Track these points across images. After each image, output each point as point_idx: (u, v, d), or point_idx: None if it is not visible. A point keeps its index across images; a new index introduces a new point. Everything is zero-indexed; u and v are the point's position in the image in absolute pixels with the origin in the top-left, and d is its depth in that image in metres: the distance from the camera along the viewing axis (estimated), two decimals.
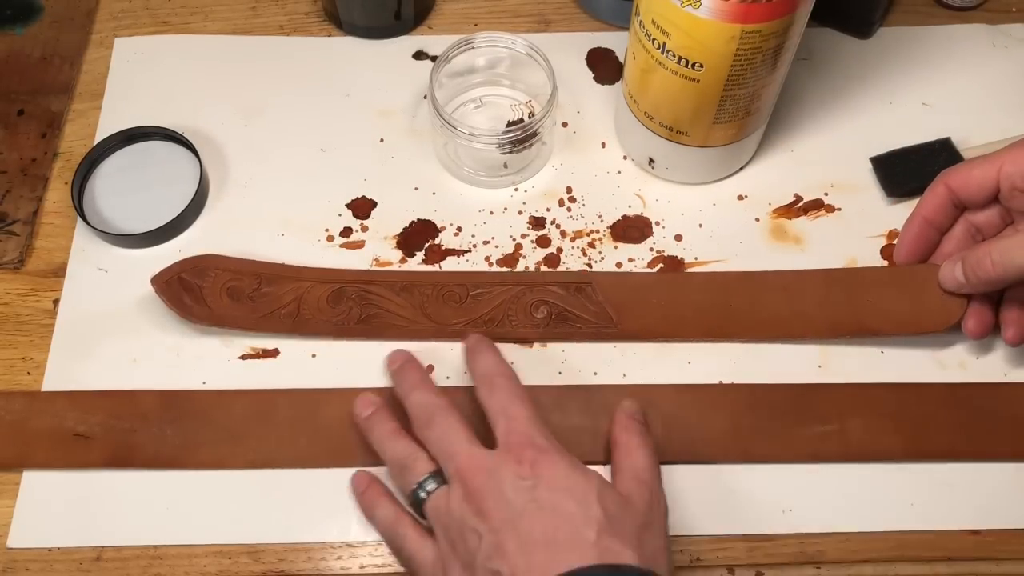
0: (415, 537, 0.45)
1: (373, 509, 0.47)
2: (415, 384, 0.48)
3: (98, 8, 0.65)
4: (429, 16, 0.65)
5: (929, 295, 0.52)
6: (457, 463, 0.44)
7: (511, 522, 0.41)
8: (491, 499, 0.42)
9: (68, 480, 0.50)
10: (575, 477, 0.42)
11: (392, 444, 0.47)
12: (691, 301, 0.53)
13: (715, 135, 0.54)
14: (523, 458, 0.43)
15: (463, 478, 0.43)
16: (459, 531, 0.42)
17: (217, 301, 0.53)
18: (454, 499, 0.43)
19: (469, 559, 0.42)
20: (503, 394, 0.46)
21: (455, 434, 0.45)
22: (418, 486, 0.45)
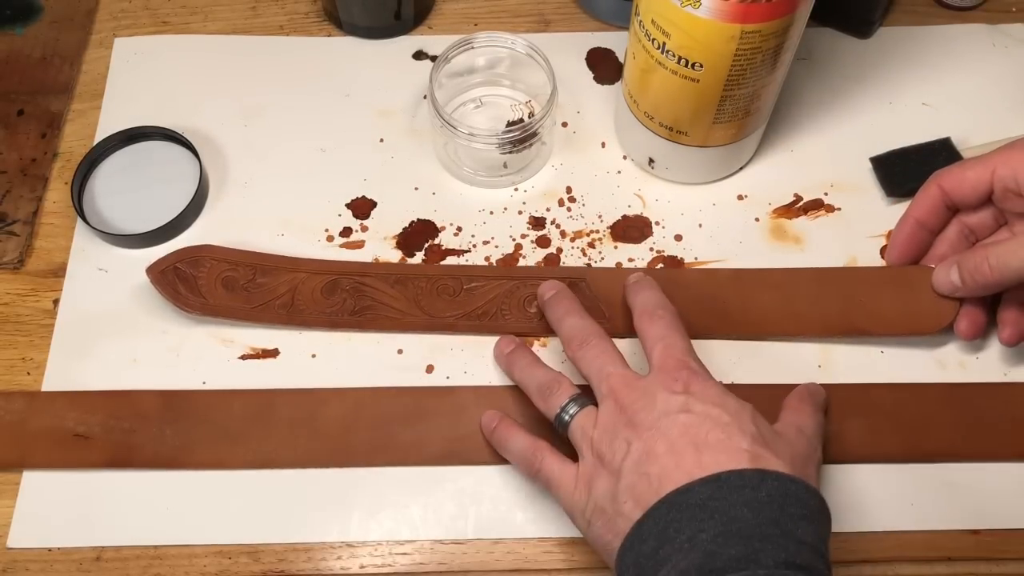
0: (553, 460, 0.46)
1: (507, 442, 0.48)
2: (569, 310, 0.49)
3: (98, 8, 0.65)
4: (429, 16, 0.65)
5: (922, 296, 0.52)
6: (611, 382, 0.44)
7: (662, 430, 0.42)
8: (643, 412, 0.43)
9: (68, 480, 0.50)
10: (728, 398, 0.43)
11: (535, 372, 0.48)
12: (684, 297, 0.53)
13: (715, 135, 0.54)
14: (678, 377, 0.43)
15: (617, 394, 0.44)
16: (608, 443, 0.43)
17: (212, 291, 0.53)
18: (604, 414, 0.44)
19: (617, 467, 0.42)
20: (663, 323, 0.46)
21: (609, 356, 0.46)
22: (562, 409, 0.46)
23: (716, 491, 0.39)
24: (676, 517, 0.39)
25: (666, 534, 0.39)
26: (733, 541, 0.37)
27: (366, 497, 0.50)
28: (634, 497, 0.41)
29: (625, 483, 0.41)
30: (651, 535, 0.40)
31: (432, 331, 0.53)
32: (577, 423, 0.45)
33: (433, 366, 0.53)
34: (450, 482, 0.50)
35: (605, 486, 0.42)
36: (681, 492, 0.39)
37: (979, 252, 0.49)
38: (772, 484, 0.39)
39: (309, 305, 0.53)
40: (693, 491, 0.39)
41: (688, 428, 0.41)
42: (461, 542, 0.49)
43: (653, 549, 0.39)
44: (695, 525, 0.38)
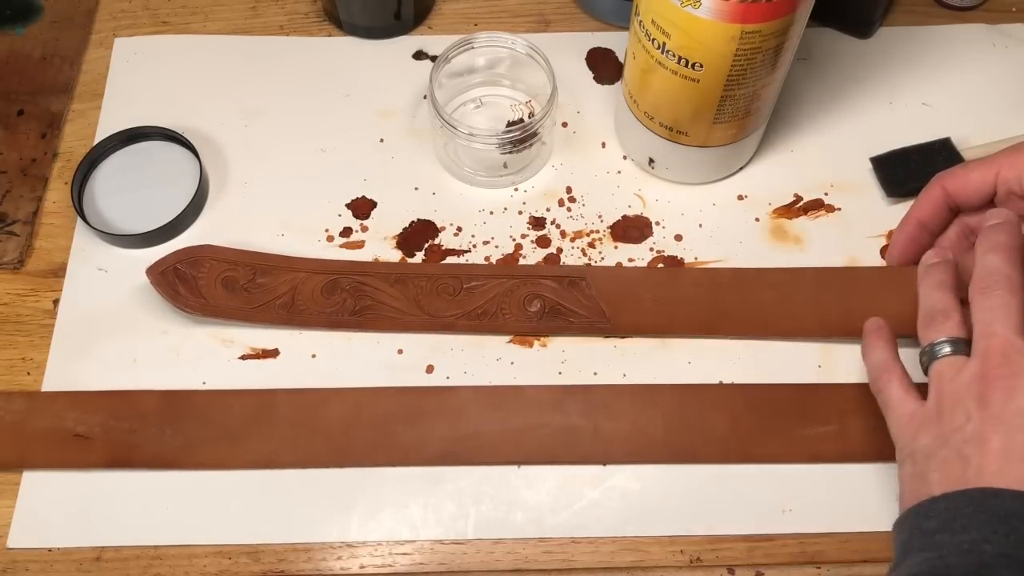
0: (899, 386, 0.44)
1: (869, 348, 0.47)
2: (1000, 245, 0.45)
3: (98, 8, 0.65)
4: (429, 16, 0.65)
5: None
6: (991, 343, 0.41)
7: (1009, 425, 0.39)
8: (1001, 392, 0.40)
9: (68, 480, 0.50)
10: None
11: (935, 294, 0.46)
12: (684, 297, 0.53)
13: (715, 135, 0.54)
14: None
15: (988, 358, 0.41)
16: (952, 403, 0.41)
17: (212, 292, 0.53)
18: (966, 372, 0.41)
19: (947, 431, 0.41)
20: None
21: (1007, 312, 0.42)
22: (939, 343, 0.44)
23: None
24: (971, 514, 0.38)
25: (953, 525, 0.38)
26: (1015, 571, 0.36)
27: (366, 497, 0.50)
28: (945, 472, 0.40)
29: (944, 454, 0.40)
30: (939, 516, 0.38)
31: (432, 331, 0.53)
32: (939, 366, 0.43)
33: (433, 366, 0.53)
34: (450, 482, 0.50)
35: (929, 442, 0.41)
36: (991, 493, 0.38)
37: None
38: None
39: (309, 305, 0.53)
40: (1003, 496, 0.37)
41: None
42: (461, 542, 0.49)
43: (933, 529, 0.38)
44: (985, 532, 0.37)
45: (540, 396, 0.51)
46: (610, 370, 0.53)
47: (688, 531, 0.49)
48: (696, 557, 0.48)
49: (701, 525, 0.49)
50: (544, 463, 0.50)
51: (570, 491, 0.50)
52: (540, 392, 0.51)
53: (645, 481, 0.50)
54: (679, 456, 0.50)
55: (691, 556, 0.48)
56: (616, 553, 0.48)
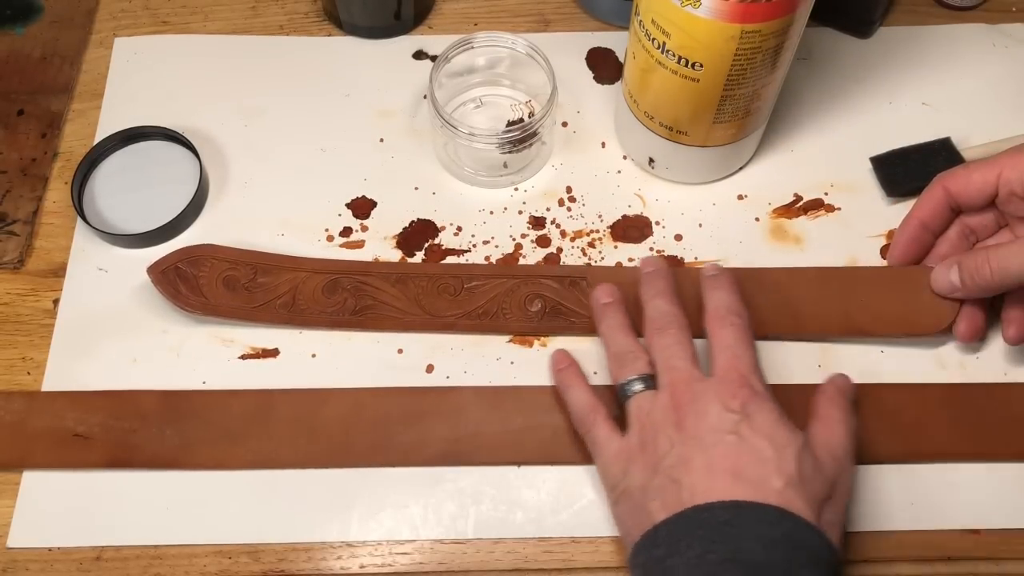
0: (605, 426, 0.47)
1: (569, 390, 0.49)
2: (661, 291, 0.49)
3: (98, 8, 0.65)
4: (429, 16, 0.65)
5: (922, 297, 0.52)
6: (673, 376, 0.45)
7: (705, 445, 0.42)
8: (693, 417, 0.43)
9: (68, 480, 0.50)
10: (780, 428, 0.43)
11: (619, 336, 0.49)
12: (685, 296, 0.53)
13: (715, 135, 0.54)
14: (736, 394, 0.44)
15: (674, 390, 0.45)
16: (653, 434, 0.44)
17: (213, 291, 0.53)
18: (659, 404, 0.45)
19: (655, 461, 0.43)
20: (734, 332, 0.46)
21: (681, 349, 0.46)
22: (629, 382, 0.46)
23: (734, 517, 0.40)
24: (691, 531, 0.40)
25: (678, 546, 0.40)
26: (736, 572, 0.38)
27: (366, 497, 0.50)
28: (662, 499, 0.42)
29: (658, 482, 0.43)
30: (664, 542, 0.41)
31: (432, 330, 0.53)
32: (636, 401, 0.46)
33: (433, 366, 0.53)
34: (450, 482, 0.50)
35: (640, 475, 0.44)
36: (702, 509, 0.41)
37: (980, 254, 0.49)
38: (789, 526, 0.40)
39: (310, 304, 0.53)
40: (713, 510, 0.40)
41: (731, 453, 0.42)
42: (461, 542, 0.49)
43: (662, 556, 0.40)
44: (706, 544, 0.40)
45: (540, 396, 0.51)
46: None
47: None
48: None
49: None
50: (544, 463, 0.50)
51: (570, 491, 0.50)
52: (540, 392, 0.51)
53: None
54: None
55: None
56: (616, 553, 0.48)
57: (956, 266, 0.50)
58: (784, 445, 0.42)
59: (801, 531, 0.40)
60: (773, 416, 0.43)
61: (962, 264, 0.50)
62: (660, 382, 0.46)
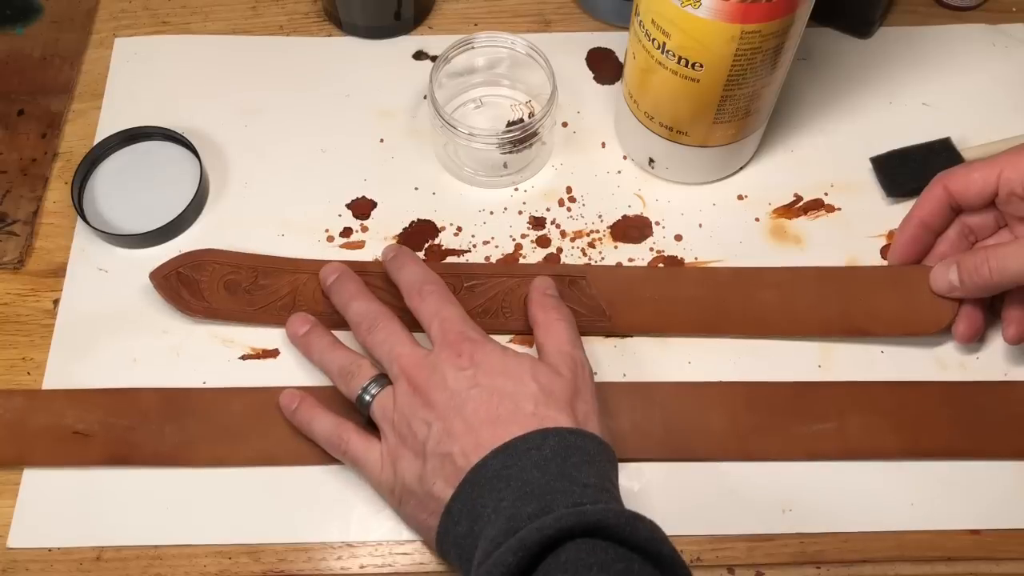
0: (358, 440, 0.47)
1: (311, 424, 0.49)
2: (354, 294, 0.50)
3: (98, 8, 0.65)
4: (429, 16, 0.65)
5: (921, 297, 0.52)
6: (401, 363, 0.46)
7: (457, 408, 0.44)
8: (436, 391, 0.45)
9: (68, 480, 0.50)
10: (509, 361, 0.45)
11: (334, 355, 0.50)
12: (684, 296, 0.53)
13: (715, 135, 0.54)
14: (461, 351, 0.45)
15: (408, 375, 0.46)
16: (407, 423, 0.45)
17: (214, 295, 0.53)
18: (400, 395, 0.46)
19: (419, 447, 0.44)
20: (434, 299, 0.48)
21: (397, 336, 0.47)
22: (363, 390, 0.47)
23: (508, 460, 0.42)
24: (479, 493, 0.42)
25: (474, 511, 0.41)
26: (529, 500, 0.40)
27: (366, 497, 0.50)
28: (443, 477, 0.43)
29: (431, 465, 0.43)
30: (462, 516, 0.42)
31: None
32: (378, 403, 0.47)
33: None
34: None
35: (411, 467, 0.44)
36: (478, 468, 0.42)
37: (979, 254, 0.49)
38: (553, 441, 0.42)
39: (311, 306, 0.53)
40: (488, 465, 0.42)
41: (480, 404, 0.44)
42: None
43: (467, 529, 0.42)
44: (496, 496, 0.41)
45: None
46: (610, 369, 0.53)
47: (688, 530, 0.49)
48: (696, 557, 0.48)
49: (701, 524, 0.49)
50: None
51: None
52: None
53: (644, 480, 0.50)
54: (678, 454, 0.50)
55: (691, 556, 0.48)
56: None
57: (955, 265, 0.50)
58: (519, 373, 0.45)
59: (564, 438, 0.42)
60: (498, 354, 0.46)
61: (961, 264, 0.50)
62: (392, 374, 0.47)
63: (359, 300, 0.50)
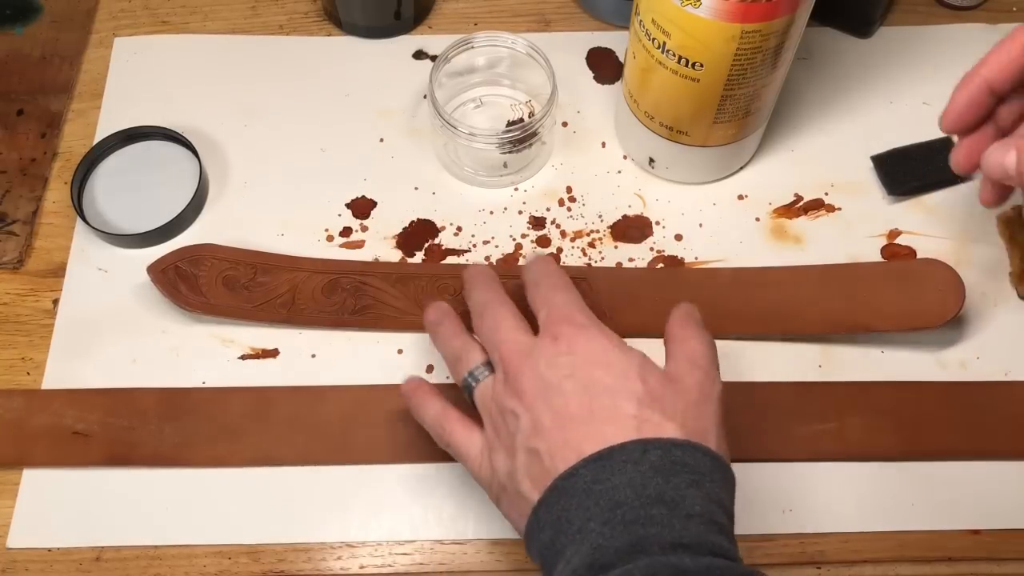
0: (461, 429, 0.44)
1: (420, 409, 0.46)
2: (476, 284, 0.47)
3: (98, 8, 0.65)
4: (429, 16, 0.65)
5: (925, 291, 0.52)
6: (501, 350, 0.43)
7: (547, 399, 0.40)
8: (527, 378, 0.41)
9: (68, 480, 0.50)
10: (613, 353, 0.41)
11: (451, 342, 0.46)
12: (685, 297, 0.53)
13: (715, 135, 0.54)
14: (559, 335, 0.41)
15: (505, 362, 0.42)
16: (500, 414, 0.41)
17: (213, 290, 0.53)
18: (497, 384, 0.42)
19: (510, 441, 0.41)
20: (546, 286, 0.44)
21: (502, 322, 0.44)
22: (468, 375, 0.44)
23: (599, 472, 0.37)
24: (566, 504, 0.38)
25: (559, 524, 0.38)
26: (618, 530, 0.36)
27: (366, 497, 0.50)
28: (530, 477, 0.39)
29: (520, 460, 0.40)
30: (547, 524, 0.38)
31: None
32: (479, 391, 0.44)
33: (433, 366, 0.53)
34: (450, 482, 0.50)
35: (503, 463, 0.41)
36: (568, 476, 0.38)
37: None
38: (655, 455, 0.37)
39: (310, 304, 0.53)
40: (579, 475, 0.38)
41: (573, 397, 0.39)
42: (461, 542, 0.49)
43: (551, 539, 0.38)
44: (584, 513, 0.37)
45: None
46: None
47: None
48: None
49: None
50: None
51: None
52: None
53: None
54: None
55: None
56: None
57: (1016, 150, 0.40)
58: (624, 368, 0.40)
59: (669, 452, 0.37)
60: (602, 342, 0.41)
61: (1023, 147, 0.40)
62: (494, 362, 0.43)
63: (478, 290, 0.46)
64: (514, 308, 0.45)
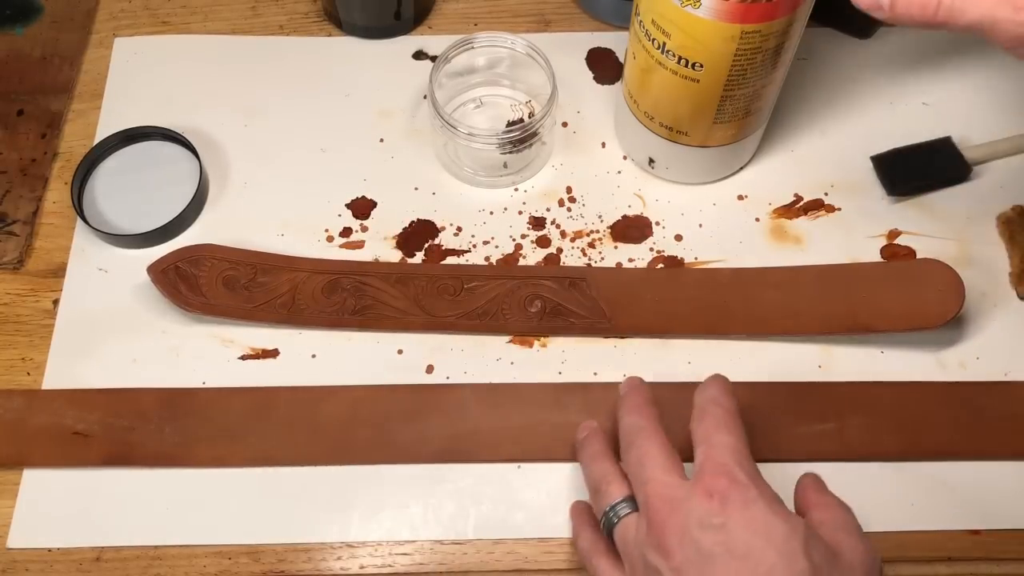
0: (607, 567, 0.42)
1: (576, 537, 0.45)
2: (631, 408, 0.44)
3: (98, 8, 0.65)
4: (429, 16, 0.65)
5: (925, 291, 0.52)
6: (646, 490, 0.39)
7: (697, 565, 0.36)
8: (674, 536, 0.37)
9: (68, 480, 0.50)
10: (775, 522, 0.36)
11: (593, 466, 0.44)
12: (685, 297, 0.53)
13: (715, 135, 0.54)
14: (714, 491, 0.37)
15: (650, 507, 0.39)
16: (642, 566, 0.39)
17: (213, 290, 0.53)
18: (640, 530, 0.39)
19: None
20: (711, 421, 0.41)
21: (652, 459, 0.40)
22: (610, 509, 0.42)
23: None
24: None
25: None
26: None
27: (366, 497, 0.50)
28: None
29: None
30: None
31: (432, 331, 0.53)
32: (619, 530, 0.41)
33: (433, 366, 0.53)
34: (450, 482, 0.50)
35: None
36: None
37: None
38: None
39: (310, 304, 0.53)
40: None
41: (727, 568, 0.36)
42: (461, 542, 0.49)
43: None
44: None
45: (539, 394, 0.51)
46: (610, 370, 0.53)
47: None
48: None
49: None
50: (543, 460, 0.50)
51: (570, 491, 0.50)
52: (539, 390, 0.51)
53: None
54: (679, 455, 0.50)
55: None
56: None
57: None
58: (786, 540, 0.36)
59: None
60: (762, 508, 0.37)
61: None
62: (638, 501, 0.40)
63: (632, 414, 0.43)
64: (666, 442, 0.42)
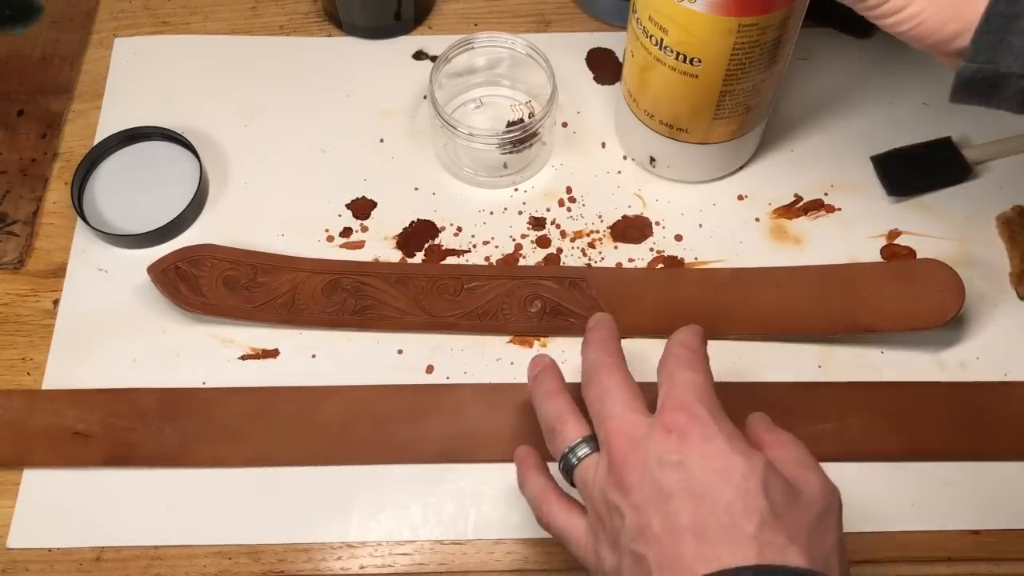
0: (561, 512, 0.41)
1: (522, 486, 0.43)
2: (594, 342, 0.43)
3: (98, 8, 0.66)
4: (429, 16, 0.65)
5: (925, 291, 0.52)
6: (607, 427, 0.39)
7: (656, 502, 0.36)
8: (634, 473, 0.37)
9: (68, 480, 0.50)
10: (733, 458, 0.36)
11: (548, 404, 0.42)
12: (685, 297, 0.53)
13: (715, 131, 0.53)
14: (673, 427, 0.37)
15: (609, 445, 0.38)
16: (604, 505, 0.38)
17: (213, 290, 0.53)
18: (600, 470, 0.38)
19: (614, 536, 0.37)
20: (674, 360, 0.40)
21: (613, 395, 0.39)
22: (569, 451, 0.40)
23: None
24: None
25: None
26: None
27: (366, 497, 0.50)
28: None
29: (625, 562, 0.36)
30: None
31: (432, 330, 0.53)
32: (580, 471, 0.40)
33: (433, 366, 0.53)
34: (450, 482, 0.50)
35: (609, 557, 0.38)
36: None
37: None
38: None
39: (310, 304, 0.53)
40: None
41: (684, 506, 0.35)
42: (461, 542, 0.49)
43: None
44: None
45: None
46: None
47: None
48: None
49: None
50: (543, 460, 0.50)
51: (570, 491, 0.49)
52: None
53: None
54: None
55: None
56: None
57: None
58: (744, 477, 0.35)
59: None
60: (720, 443, 0.36)
61: None
62: (599, 439, 0.39)
63: (594, 348, 0.42)
64: (627, 377, 0.41)
